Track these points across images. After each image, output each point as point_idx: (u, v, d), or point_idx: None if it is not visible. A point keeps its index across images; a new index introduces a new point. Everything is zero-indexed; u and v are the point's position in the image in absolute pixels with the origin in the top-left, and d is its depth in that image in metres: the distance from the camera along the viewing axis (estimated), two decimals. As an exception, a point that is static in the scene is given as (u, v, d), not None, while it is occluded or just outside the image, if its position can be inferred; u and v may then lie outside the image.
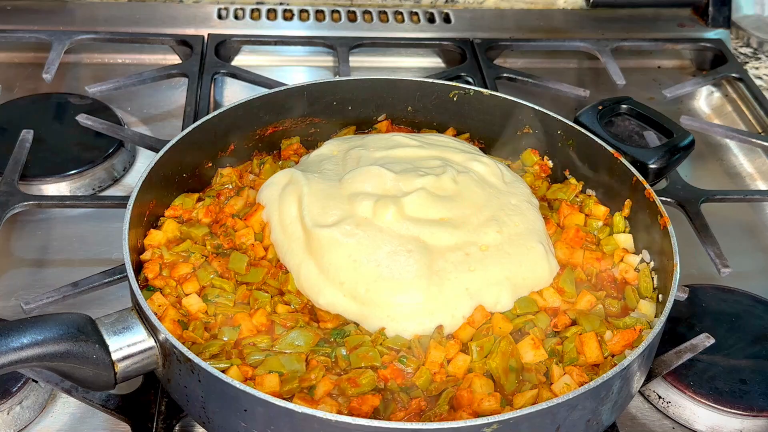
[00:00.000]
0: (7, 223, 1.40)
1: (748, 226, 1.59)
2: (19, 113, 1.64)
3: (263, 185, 1.28)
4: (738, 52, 2.04)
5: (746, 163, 1.74)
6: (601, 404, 1.00)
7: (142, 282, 1.15)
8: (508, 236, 1.19)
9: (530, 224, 1.22)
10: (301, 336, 1.07)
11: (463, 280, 1.13)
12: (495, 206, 1.22)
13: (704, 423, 1.20)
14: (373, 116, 1.46)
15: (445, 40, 1.94)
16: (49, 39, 1.78)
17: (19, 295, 1.30)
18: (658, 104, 1.66)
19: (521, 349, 1.09)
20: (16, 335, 0.92)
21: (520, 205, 1.25)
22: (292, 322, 1.10)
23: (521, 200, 1.26)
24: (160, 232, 1.21)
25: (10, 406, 1.11)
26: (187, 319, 1.10)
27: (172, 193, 1.27)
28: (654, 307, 1.17)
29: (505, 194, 1.26)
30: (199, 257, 1.18)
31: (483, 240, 1.17)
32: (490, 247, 1.16)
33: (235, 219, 1.24)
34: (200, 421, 1.04)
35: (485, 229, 1.18)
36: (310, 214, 1.18)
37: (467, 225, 1.18)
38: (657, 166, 1.34)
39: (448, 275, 1.12)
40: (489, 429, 0.90)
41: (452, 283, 1.12)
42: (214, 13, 1.98)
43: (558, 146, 1.38)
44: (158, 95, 1.79)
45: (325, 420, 0.89)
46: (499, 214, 1.21)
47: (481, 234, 1.18)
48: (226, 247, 1.20)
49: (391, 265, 1.12)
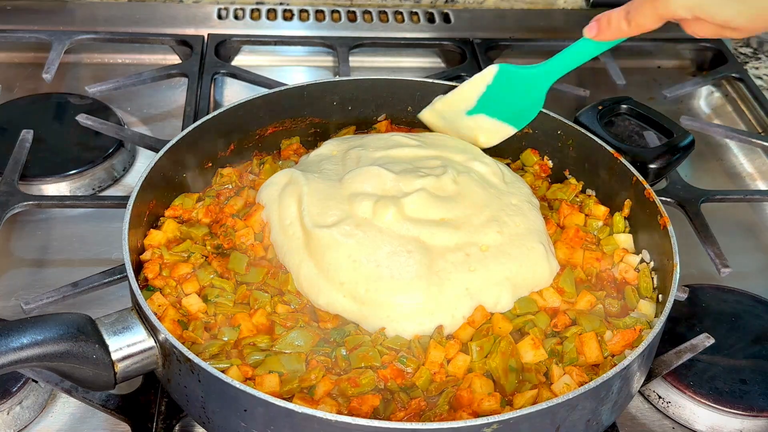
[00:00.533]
0: (7, 223, 1.40)
1: (748, 226, 1.59)
2: (19, 113, 1.64)
3: (263, 185, 1.28)
4: (738, 52, 2.04)
5: (746, 163, 1.74)
6: (601, 404, 1.00)
7: (141, 282, 1.15)
8: (509, 236, 1.19)
9: (531, 224, 1.22)
10: (301, 336, 1.07)
11: (464, 281, 1.13)
12: (496, 206, 1.22)
13: (704, 423, 1.20)
14: (373, 116, 1.46)
15: (445, 40, 1.94)
16: (49, 39, 1.78)
17: (19, 295, 1.30)
18: (658, 104, 1.66)
19: (521, 349, 1.09)
20: (16, 335, 0.92)
21: (520, 206, 1.25)
22: (292, 322, 1.10)
23: (522, 200, 1.26)
24: (160, 232, 1.21)
25: (10, 406, 1.11)
26: (186, 319, 1.10)
27: (172, 193, 1.27)
28: (654, 307, 1.17)
29: (506, 194, 1.26)
30: (199, 257, 1.18)
31: (483, 240, 1.17)
32: (491, 248, 1.16)
33: (235, 219, 1.24)
34: (200, 421, 1.04)
35: (486, 230, 1.18)
36: (309, 215, 1.17)
37: (468, 225, 1.18)
38: (657, 166, 1.34)
39: (449, 275, 1.12)
40: (489, 429, 0.90)
41: (452, 283, 1.12)
42: (214, 13, 1.98)
43: (558, 146, 1.38)
44: (158, 95, 1.79)
45: (325, 420, 0.89)
46: (499, 215, 1.21)
47: (481, 234, 1.17)
48: (226, 247, 1.20)
49: (391, 265, 1.12)
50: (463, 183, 1.24)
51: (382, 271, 1.11)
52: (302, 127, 1.42)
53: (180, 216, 1.25)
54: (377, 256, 1.12)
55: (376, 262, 1.12)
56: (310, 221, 1.17)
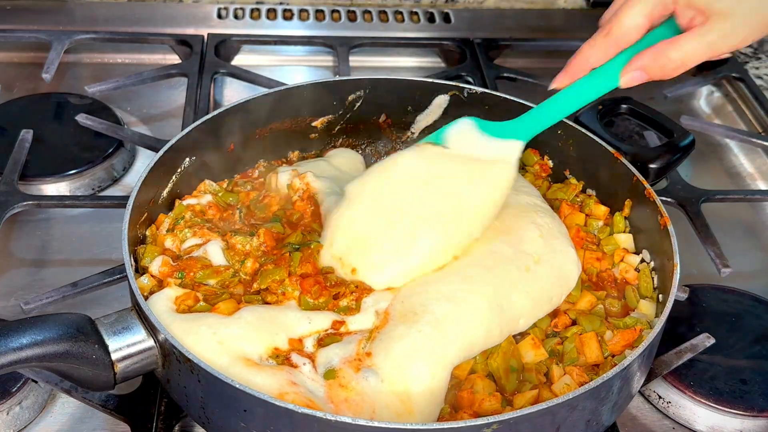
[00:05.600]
0: (7, 223, 1.40)
1: (748, 226, 1.59)
2: (19, 113, 1.64)
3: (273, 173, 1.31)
4: (738, 52, 2.04)
5: (746, 163, 1.74)
6: (601, 404, 1.00)
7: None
8: (547, 239, 1.20)
9: (560, 226, 1.24)
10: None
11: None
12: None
13: (704, 423, 1.20)
14: (373, 116, 1.46)
15: (445, 39, 1.94)
16: (48, 39, 1.78)
17: (18, 295, 1.30)
18: (658, 104, 1.65)
19: (522, 349, 1.09)
20: (15, 335, 0.91)
21: (542, 206, 1.26)
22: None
23: (539, 200, 1.28)
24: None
25: (10, 407, 1.11)
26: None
27: (171, 193, 1.27)
28: (654, 307, 1.17)
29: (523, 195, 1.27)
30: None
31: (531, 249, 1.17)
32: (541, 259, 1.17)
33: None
34: (200, 421, 1.04)
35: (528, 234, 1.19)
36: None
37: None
38: (657, 165, 1.34)
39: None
40: (489, 429, 0.90)
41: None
42: (214, 12, 1.98)
43: (558, 146, 1.38)
44: (158, 95, 1.79)
45: (325, 420, 0.89)
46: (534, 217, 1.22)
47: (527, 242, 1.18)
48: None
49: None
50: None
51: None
52: (302, 127, 1.42)
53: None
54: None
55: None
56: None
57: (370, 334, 1.06)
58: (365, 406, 0.98)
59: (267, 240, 1.16)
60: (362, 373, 1.00)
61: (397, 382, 1.00)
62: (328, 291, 1.10)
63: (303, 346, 1.04)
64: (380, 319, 1.08)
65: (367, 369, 1.00)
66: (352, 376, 1.00)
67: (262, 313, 1.05)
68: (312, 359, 1.02)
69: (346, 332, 1.07)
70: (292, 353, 1.03)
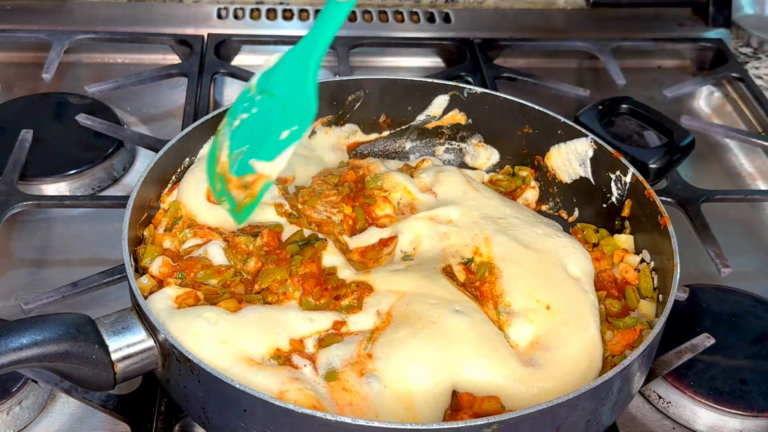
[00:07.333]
0: (7, 223, 1.39)
1: (748, 226, 1.59)
2: (19, 113, 1.64)
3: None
4: (738, 52, 2.04)
5: (746, 163, 1.74)
6: (601, 404, 1.00)
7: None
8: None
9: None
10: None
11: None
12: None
13: (704, 423, 1.20)
14: (373, 116, 1.46)
15: (445, 39, 1.94)
16: (48, 39, 1.78)
17: (18, 295, 1.30)
18: (658, 104, 1.65)
19: (521, 349, 1.09)
20: (15, 335, 0.92)
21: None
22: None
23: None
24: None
25: (10, 407, 1.11)
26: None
27: (171, 193, 1.27)
28: (654, 307, 1.17)
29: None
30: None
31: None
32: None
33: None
34: (200, 421, 1.04)
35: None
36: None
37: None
38: (657, 165, 1.34)
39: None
40: (489, 429, 0.90)
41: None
42: (214, 12, 1.98)
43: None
44: (158, 95, 1.79)
45: (325, 420, 0.89)
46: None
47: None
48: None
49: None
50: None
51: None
52: (302, 127, 1.41)
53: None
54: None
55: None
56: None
57: (371, 335, 1.06)
58: (369, 411, 0.98)
59: (270, 240, 1.16)
60: (365, 378, 1.00)
61: (400, 389, 1.00)
62: (330, 292, 1.10)
63: (304, 347, 1.04)
64: (382, 319, 1.08)
65: (370, 374, 1.00)
66: (355, 381, 1.00)
67: (263, 313, 1.05)
68: (313, 360, 1.02)
69: (347, 332, 1.07)
70: (293, 354, 1.03)
